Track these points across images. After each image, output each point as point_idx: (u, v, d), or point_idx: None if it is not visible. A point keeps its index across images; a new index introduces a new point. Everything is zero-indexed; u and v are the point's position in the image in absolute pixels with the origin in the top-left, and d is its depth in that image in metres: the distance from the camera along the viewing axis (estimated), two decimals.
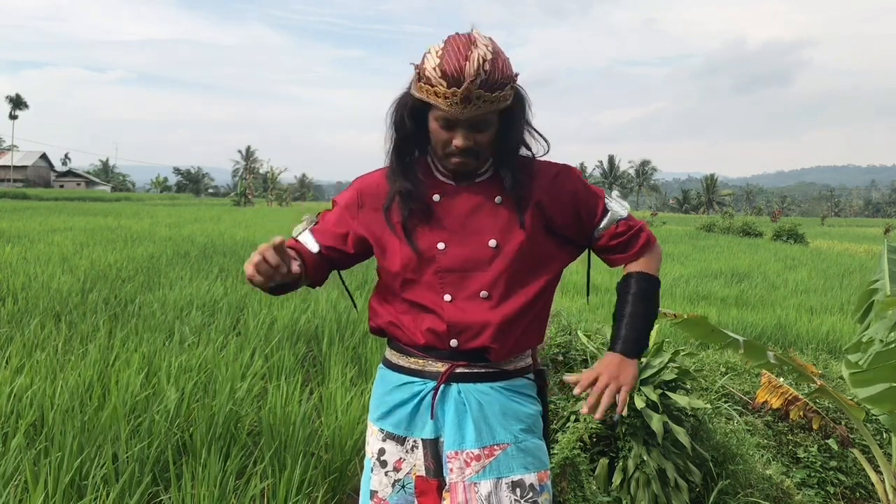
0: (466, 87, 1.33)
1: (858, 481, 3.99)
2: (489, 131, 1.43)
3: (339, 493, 2.72)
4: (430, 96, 1.38)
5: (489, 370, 1.52)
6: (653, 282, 1.58)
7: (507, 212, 1.51)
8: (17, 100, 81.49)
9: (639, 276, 1.57)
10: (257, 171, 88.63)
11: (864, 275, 11.87)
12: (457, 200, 1.51)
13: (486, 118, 1.40)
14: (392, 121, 1.50)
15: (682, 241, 18.65)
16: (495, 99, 1.37)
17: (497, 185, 1.52)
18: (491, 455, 1.48)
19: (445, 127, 1.42)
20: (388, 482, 1.55)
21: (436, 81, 1.36)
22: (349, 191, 1.61)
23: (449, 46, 1.36)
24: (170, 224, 15.63)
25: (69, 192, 60.46)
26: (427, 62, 1.38)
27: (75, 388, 2.93)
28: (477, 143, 1.43)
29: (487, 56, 1.34)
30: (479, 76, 1.33)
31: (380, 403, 1.60)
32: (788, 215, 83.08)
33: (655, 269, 1.60)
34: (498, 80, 1.36)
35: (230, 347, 3.81)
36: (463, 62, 1.33)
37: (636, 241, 1.58)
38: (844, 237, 29.92)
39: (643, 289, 1.56)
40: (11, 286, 5.49)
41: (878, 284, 3.51)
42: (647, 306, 1.56)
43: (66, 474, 2.23)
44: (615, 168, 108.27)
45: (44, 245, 9.05)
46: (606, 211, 1.57)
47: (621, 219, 1.57)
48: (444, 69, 1.34)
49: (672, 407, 3.42)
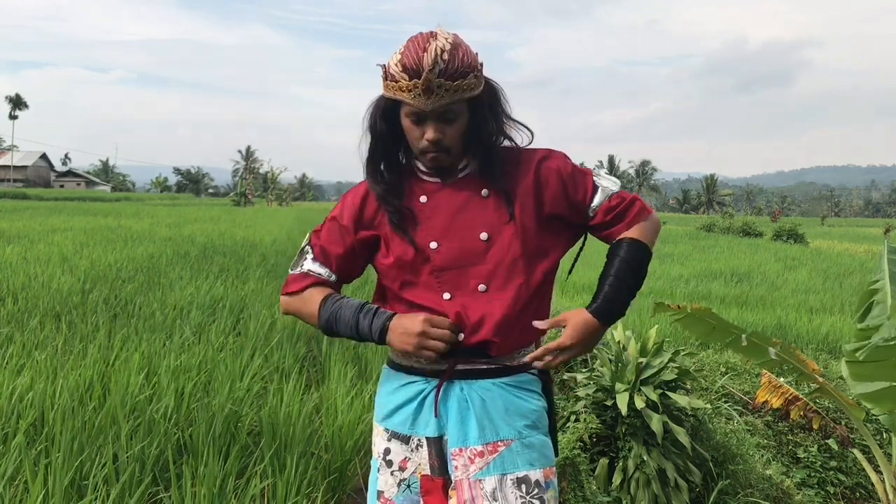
0: (426, 76, 1.37)
1: (858, 481, 4.00)
2: (458, 122, 1.45)
3: (339, 493, 2.72)
4: (396, 92, 1.42)
5: (491, 366, 1.52)
6: (643, 249, 1.55)
7: (494, 204, 1.52)
8: (17, 100, 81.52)
9: (630, 243, 1.54)
10: (257, 171, 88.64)
11: (864, 275, 11.87)
12: (443, 199, 1.53)
13: (453, 108, 1.42)
14: (367, 124, 1.53)
15: (682, 241, 18.65)
16: (457, 87, 1.40)
17: (481, 178, 1.53)
18: (495, 451, 1.48)
19: (416, 122, 1.45)
20: (393, 482, 1.55)
21: (398, 76, 1.40)
22: (345, 208, 1.61)
23: (409, 43, 1.40)
24: (170, 224, 15.63)
25: (69, 192, 60.47)
26: (391, 60, 1.42)
27: (75, 388, 2.93)
28: (447, 136, 1.45)
29: (446, 46, 1.37)
30: (437, 65, 1.36)
31: (384, 403, 1.60)
32: (788, 215, 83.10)
33: (648, 239, 1.57)
34: (458, 68, 1.38)
35: (230, 347, 3.81)
36: (421, 53, 1.37)
37: (630, 210, 1.56)
38: (844, 237, 29.93)
39: (631, 255, 1.53)
40: (11, 286, 5.49)
41: (879, 284, 3.51)
42: (634, 272, 1.54)
43: (66, 474, 2.23)
44: (615, 168, 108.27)
45: (44, 245, 9.05)
46: (597, 187, 1.56)
47: (613, 193, 1.56)
48: (405, 62, 1.39)
49: (672, 407, 3.43)
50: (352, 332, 1.54)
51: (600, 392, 3.57)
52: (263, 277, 6.99)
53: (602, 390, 3.57)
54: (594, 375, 3.73)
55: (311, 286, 1.59)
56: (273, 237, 12.53)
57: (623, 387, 3.43)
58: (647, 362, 3.55)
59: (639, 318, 6.08)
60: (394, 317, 1.51)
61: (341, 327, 1.55)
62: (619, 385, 3.47)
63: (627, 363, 3.56)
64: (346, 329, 1.55)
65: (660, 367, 3.50)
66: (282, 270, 7.73)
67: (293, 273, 1.62)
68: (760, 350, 3.18)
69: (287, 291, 1.62)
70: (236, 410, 2.89)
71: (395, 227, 1.54)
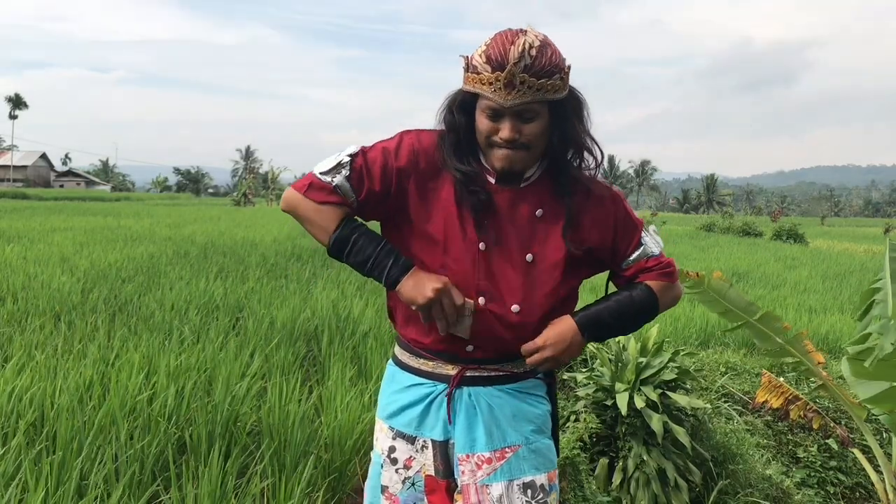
0: (510, 69, 1.30)
1: (858, 481, 3.99)
2: (537, 122, 1.37)
3: (339, 493, 2.72)
4: (476, 85, 1.36)
5: (500, 373, 1.52)
6: (653, 303, 1.52)
7: (547, 226, 1.47)
8: (17, 100, 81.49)
9: (647, 289, 1.52)
10: (257, 171, 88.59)
11: (864, 275, 11.86)
12: (500, 205, 1.46)
13: (533, 108, 1.35)
14: (441, 117, 1.46)
15: (683, 241, 18.64)
16: (541, 86, 1.33)
17: (542, 193, 1.48)
18: (502, 458, 1.48)
19: (492, 117, 1.38)
20: (398, 479, 1.55)
21: (481, 68, 1.34)
22: (403, 148, 1.47)
23: (497, 36, 1.35)
24: (170, 224, 15.62)
25: (69, 192, 60.42)
26: (476, 52, 1.37)
27: (75, 388, 2.93)
28: (524, 135, 1.37)
29: (535, 43, 1.31)
30: (523, 59, 1.30)
31: (389, 402, 1.59)
32: (788, 215, 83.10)
33: (662, 300, 1.54)
34: (544, 65, 1.32)
35: (230, 347, 3.81)
36: (508, 46, 1.31)
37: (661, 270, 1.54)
38: (844, 237, 29.92)
39: (641, 300, 1.51)
40: (11, 286, 5.49)
41: (880, 283, 3.51)
42: (633, 315, 1.51)
43: (66, 474, 2.22)
44: (615, 168, 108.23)
45: (44, 245, 9.04)
46: (640, 245, 1.53)
47: (652, 255, 1.53)
48: (489, 54, 1.33)
49: (672, 407, 3.43)
50: (363, 262, 1.45)
51: (600, 392, 3.57)
52: (263, 277, 6.99)
53: (602, 390, 3.57)
54: (594, 375, 3.73)
55: (333, 204, 1.45)
56: (273, 237, 12.51)
57: (623, 386, 3.43)
58: (647, 362, 3.55)
59: None
60: (416, 269, 1.44)
61: (353, 253, 1.45)
62: (619, 385, 3.47)
63: (627, 363, 3.56)
64: (358, 256, 1.45)
65: (660, 367, 3.50)
66: (281, 270, 7.73)
67: (319, 179, 1.45)
68: (769, 336, 3.17)
69: (305, 193, 1.46)
70: (236, 410, 2.89)
71: (468, 213, 1.44)
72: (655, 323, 4.55)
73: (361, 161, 1.46)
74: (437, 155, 1.47)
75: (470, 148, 1.47)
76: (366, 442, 2.94)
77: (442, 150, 1.46)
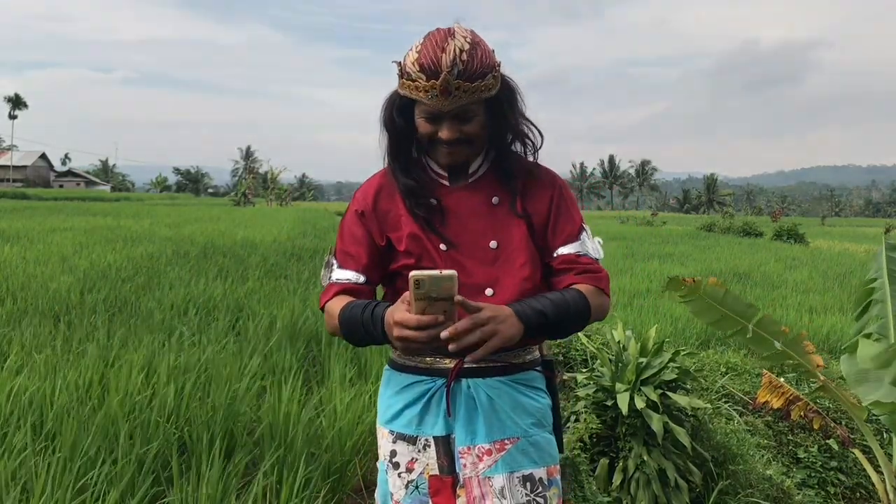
0: (444, 78, 1.34)
1: (859, 481, 3.99)
2: (475, 121, 1.43)
3: (339, 493, 2.72)
4: (412, 91, 1.39)
5: (497, 364, 1.52)
6: (586, 304, 1.46)
7: (504, 210, 1.52)
8: (17, 100, 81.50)
9: (577, 292, 1.46)
10: (257, 171, 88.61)
11: (864, 275, 11.83)
12: (454, 202, 1.52)
13: (470, 108, 1.40)
14: (383, 120, 1.51)
15: (683, 241, 18.64)
16: (475, 89, 1.37)
17: (493, 182, 1.53)
18: (502, 449, 1.48)
19: (430, 120, 1.43)
20: (401, 484, 1.54)
21: (415, 76, 1.37)
22: (356, 204, 1.57)
23: (427, 41, 1.37)
24: (169, 224, 15.62)
25: (69, 192, 60.42)
26: (407, 58, 1.39)
27: (75, 388, 2.93)
28: (464, 133, 1.43)
29: (465, 46, 1.34)
30: (455, 66, 1.33)
31: (388, 406, 1.59)
32: (789, 215, 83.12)
33: (595, 306, 1.48)
34: (477, 69, 1.36)
35: (229, 347, 3.81)
36: (440, 54, 1.34)
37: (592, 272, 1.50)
38: (844, 237, 29.91)
39: (576, 300, 1.45)
40: (11, 286, 5.49)
41: (877, 283, 3.49)
42: (566, 308, 1.43)
43: (66, 474, 2.22)
44: (615, 168, 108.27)
45: (43, 245, 9.05)
46: (577, 240, 1.52)
47: (587, 254, 1.52)
48: (422, 62, 1.35)
49: (672, 407, 3.42)
50: (366, 336, 1.43)
51: (600, 392, 3.57)
52: (263, 277, 6.99)
53: (602, 390, 3.57)
54: (594, 375, 3.72)
55: (337, 295, 1.51)
56: (273, 237, 12.52)
57: (623, 387, 3.43)
58: (648, 362, 3.54)
59: (639, 317, 6.07)
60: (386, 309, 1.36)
61: (358, 334, 1.44)
62: (619, 385, 3.47)
63: (627, 363, 3.56)
64: (361, 335, 1.43)
65: (660, 367, 3.50)
66: (281, 270, 7.73)
67: (323, 286, 1.58)
68: (766, 342, 3.13)
69: (322, 307, 1.56)
70: (236, 410, 2.89)
71: (422, 222, 1.49)
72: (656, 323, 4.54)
73: (340, 244, 1.57)
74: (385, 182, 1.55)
75: (412, 149, 1.54)
76: (366, 442, 2.95)
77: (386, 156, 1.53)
